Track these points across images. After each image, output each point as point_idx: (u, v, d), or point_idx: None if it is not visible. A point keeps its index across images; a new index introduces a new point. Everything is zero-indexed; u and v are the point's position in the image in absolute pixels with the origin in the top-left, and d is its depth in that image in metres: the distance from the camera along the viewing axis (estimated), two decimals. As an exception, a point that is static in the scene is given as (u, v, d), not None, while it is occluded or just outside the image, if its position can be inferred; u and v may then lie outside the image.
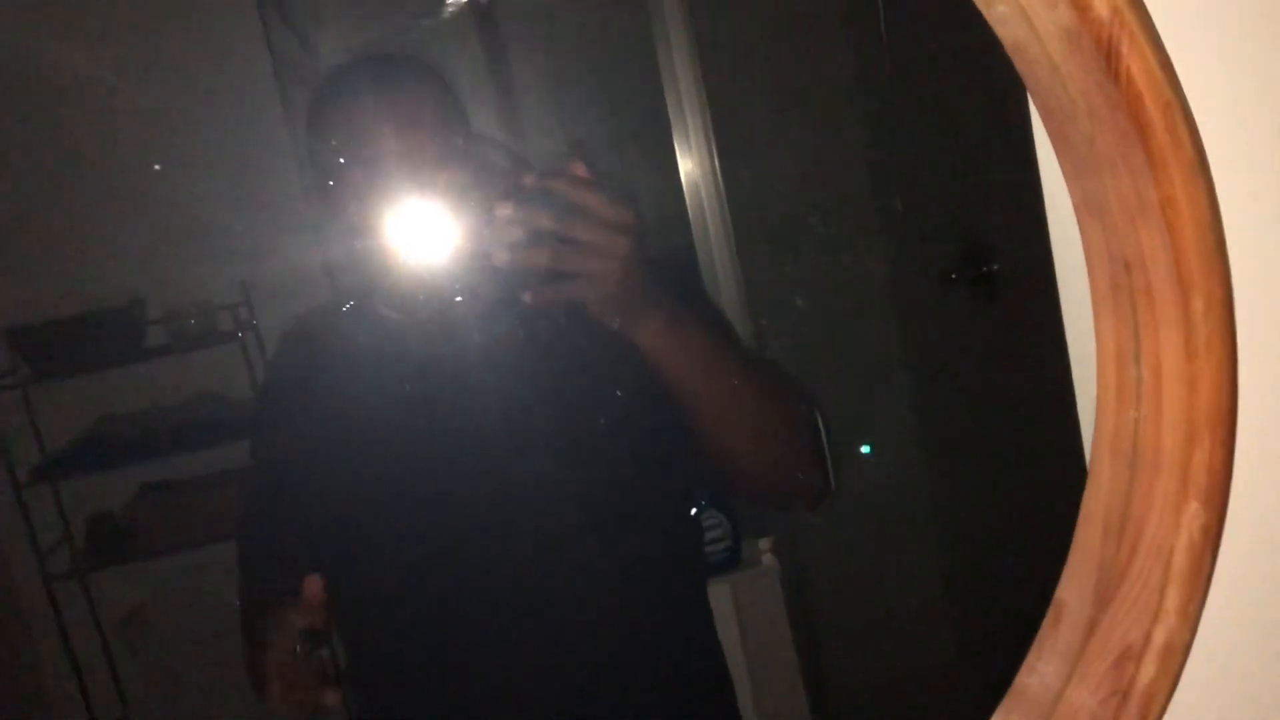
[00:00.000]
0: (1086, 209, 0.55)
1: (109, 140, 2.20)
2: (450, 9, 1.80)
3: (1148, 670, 0.52)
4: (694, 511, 1.54)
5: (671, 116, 1.82)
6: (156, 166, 2.02)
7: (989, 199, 1.88)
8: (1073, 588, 0.58)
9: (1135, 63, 0.48)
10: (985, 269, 1.92)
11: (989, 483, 2.13)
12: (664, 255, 1.22)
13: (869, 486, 2.14)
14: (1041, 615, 1.88)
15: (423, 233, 1.03)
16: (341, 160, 1.07)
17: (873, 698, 2.34)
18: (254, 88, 2.07)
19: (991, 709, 0.58)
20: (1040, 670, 0.59)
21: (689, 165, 1.84)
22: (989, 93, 1.79)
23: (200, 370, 2.34)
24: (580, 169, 0.91)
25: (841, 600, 2.29)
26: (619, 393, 1.08)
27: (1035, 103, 0.55)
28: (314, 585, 0.99)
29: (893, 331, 2.36)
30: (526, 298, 0.92)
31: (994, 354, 2.00)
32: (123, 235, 2.27)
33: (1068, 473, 1.79)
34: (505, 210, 0.89)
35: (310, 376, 1.21)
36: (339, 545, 1.15)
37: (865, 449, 2.23)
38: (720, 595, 1.71)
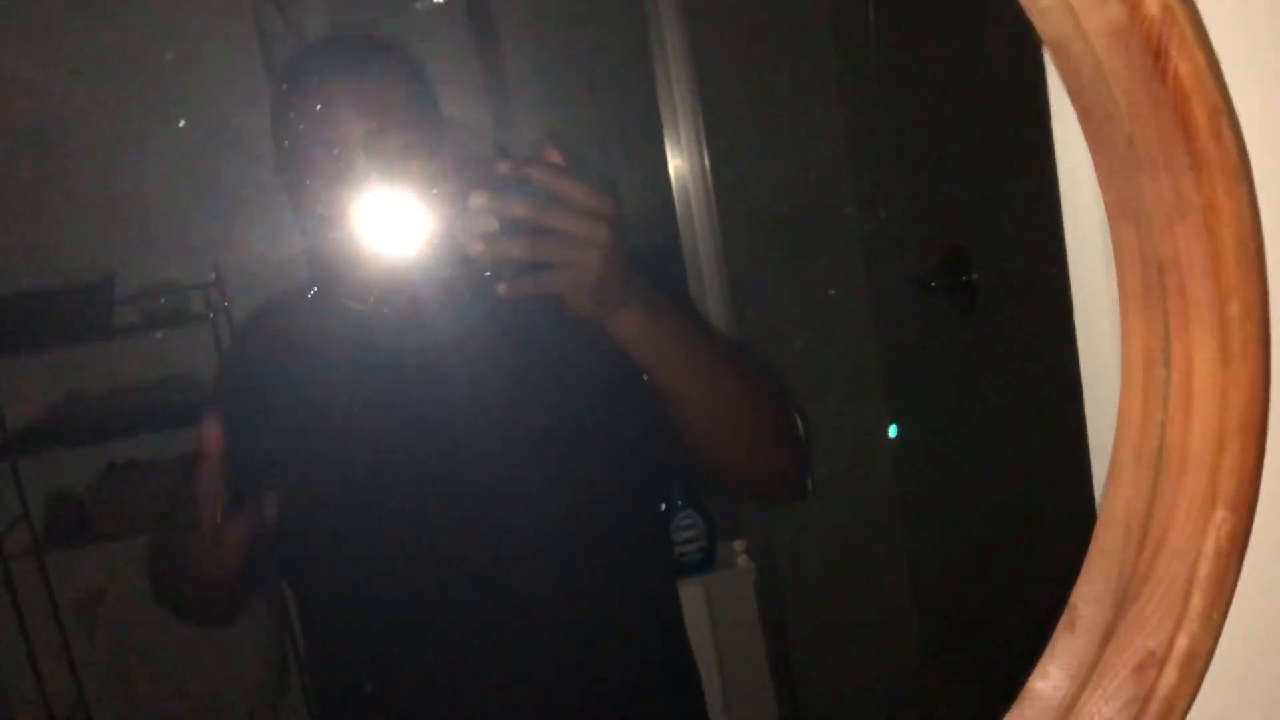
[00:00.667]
0: (1120, 210, 0.55)
1: (86, 113, 2.16)
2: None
3: (1169, 677, 0.51)
4: (663, 507, 1.54)
5: (663, 112, 1.81)
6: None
7: (970, 207, 1.89)
8: (1089, 592, 0.57)
9: (1184, 63, 0.48)
10: (964, 277, 1.93)
11: (963, 488, 2.15)
12: (645, 249, 1.20)
13: (844, 490, 2.15)
14: (1012, 619, 1.88)
15: (387, 222, 1.00)
16: (303, 143, 1.05)
17: (843, 701, 2.35)
18: (239, 67, 2.04)
19: (958, 714, 0.57)
20: (1053, 675, 0.58)
21: (678, 162, 1.83)
22: (974, 100, 1.81)
23: (170, 351, 2.30)
24: (555, 155, 0.88)
25: (815, 603, 2.29)
26: (595, 385, 1.06)
27: (1073, 101, 0.55)
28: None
29: (871, 335, 2.36)
30: (501, 289, 0.88)
31: (971, 361, 2.01)
32: (95, 211, 2.23)
33: (1046, 477, 1.79)
34: (479, 199, 0.85)
35: (269, 363, 1.18)
36: (294, 536, 1.13)
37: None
38: (694, 596, 1.71)
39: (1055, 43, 0.53)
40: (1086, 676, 0.55)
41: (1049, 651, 0.59)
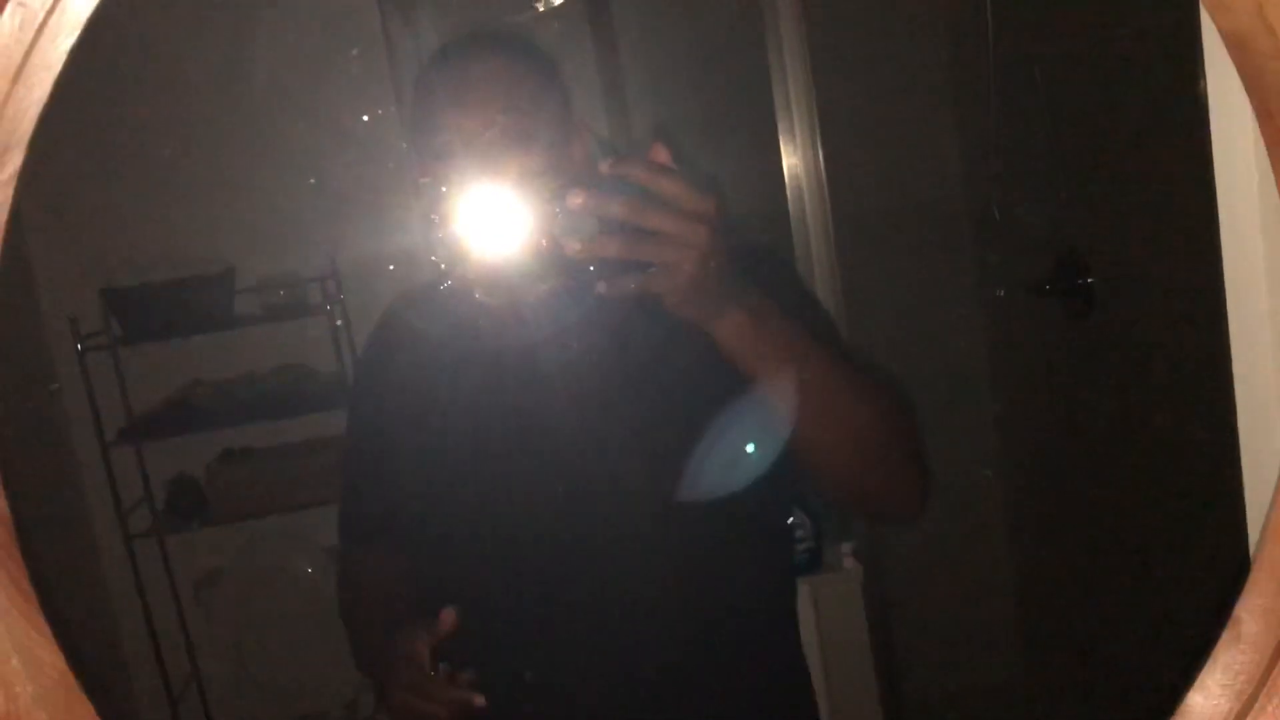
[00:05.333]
0: (1299, 213, 0.53)
1: (219, 113, 2.24)
2: (563, -6, 1.80)
3: (1348, 697, 0.50)
4: (789, 521, 1.51)
5: (778, 110, 1.80)
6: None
7: (1089, 210, 1.85)
8: (1256, 607, 0.56)
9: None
10: (1081, 281, 1.89)
11: (1073, 496, 2.10)
12: (758, 247, 1.17)
13: (952, 496, 2.12)
14: (1124, 632, 1.82)
15: (495, 218, 1.00)
16: (422, 137, 1.06)
17: (946, 708, 2.31)
18: (366, 71, 2.09)
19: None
20: (1212, 690, 0.57)
21: (792, 160, 1.82)
22: (1095, 102, 1.77)
23: (287, 341, 2.37)
24: (661, 154, 0.86)
25: (921, 608, 2.27)
26: (700, 388, 1.03)
27: (1251, 99, 0.53)
28: (450, 619, 1.01)
29: (981, 339, 2.33)
30: (600, 288, 0.86)
31: (1086, 366, 1.97)
32: (219, 206, 2.31)
33: (1169, 484, 1.74)
34: (577, 199, 0.84)
35: (404, 352, 1.21)
36: (420, 519, 1.16)
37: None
38: (801, 597, 1.70)
39: (1236, 37, 0.51)
40: (1254, 694, 0.54)
41: (1209, 665, 0.57)
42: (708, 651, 1.13)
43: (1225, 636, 0.57)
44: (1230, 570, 0.66)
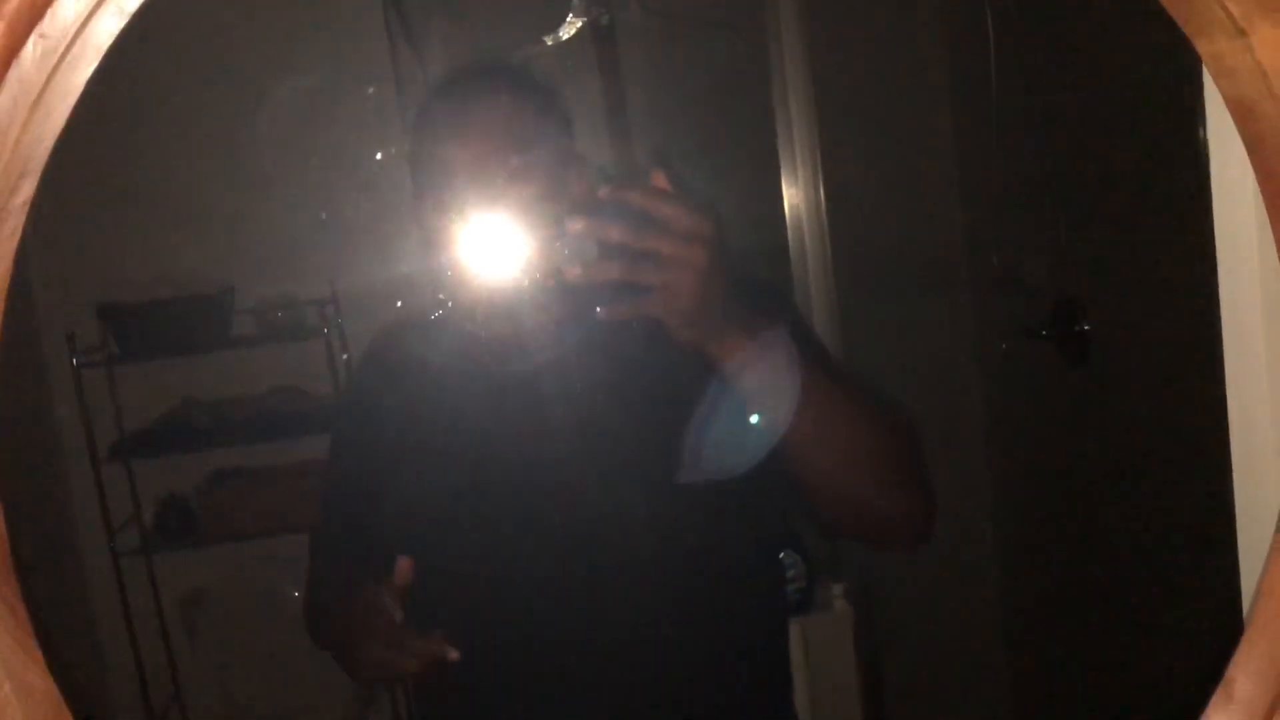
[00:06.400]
0: (1300, 276, 0.53)
1: (224, 136, 2.24)
2: (570, 28, 1.81)
3: (1341, 761, 0.49)
4: (780, 555, 1.50)
5: (780, 148, 1.81)
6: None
7: (1088, 258, 1.86)
8: (1248, 667, 0.56)
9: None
10: (1077, 328, 1.89)
11: (1065, 541, 2.10)
12: (756, 280, 1.18)
13: (945, 540, 2.11)
14: (1113, 684, 1.81)
15: (493, 247, 1.01)
16: (424, 169, 1.08)
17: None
18: (373, 100, 2.10)
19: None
20: (1205, 749, 0.57)
21: (793, 198, 1.83)
22: (1096, 152, 1.78)
23: (283, 363, 2.37)
24: (660, 179, 0.87)
25: (912, 652, 2.25)
26: (700, 412, 1.02)
27: (1254, 162, 0.54)
28: (406, 566, 1.01)
29: (977, 381, 2.33)
30: (600, 313, 0.88)
31: (1079, 412, 1.97)
32: (219, 226, 2.31)
33: (1161, 542, 1.74)
34: (577, 224, 0.85)
35: (392, 381, 1.20)
36: (411, 549, 1.15)
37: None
38: (791, 637, 1.69)
39: (1241, 104, 0.52)
40: (1246, 754, 0.54)
41: (1203, 725, 0.57)
42: (698, 687, 1.12)
43: (1217, 697, 0.57)
44: (1224, 627, 0.66)
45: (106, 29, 0.48)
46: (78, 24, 0.48)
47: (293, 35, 2.21)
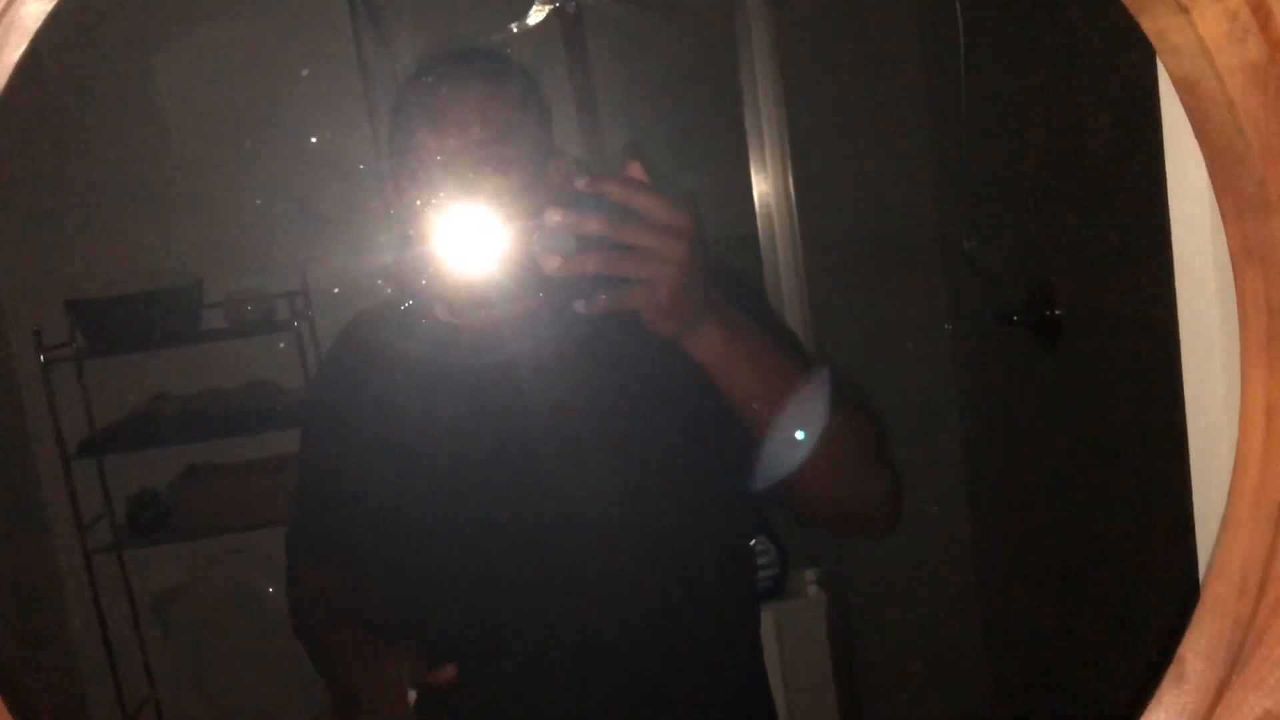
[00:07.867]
0: (1245, 255, 0.53)
1: (191, 127, 2.22)
2: (537, 14, 1.80)
3: (1287, 739, 0.49)
4: (752, 544, 1.50)
5: (749, 137, 1.81)
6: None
7: (1059, 243, 1.86)
8: (1199, 646, 0.55)
9: (1325, 106, 0.46)
10: (1049, 313, 1.90)
11: (1038, 525, 2.10)
12: (728, 267, 1.18)
13: (918, 524, 2.12)
14: (1088, 665, 1.82)
15: (470, 237, 1.00)
16: (411, 151, 1.05)
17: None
18: (338, 88, 2.08)
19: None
20: (1157, 729, 0.57)
21: (763, 186, 1.82)
22: (1067, 136, 1.78)
23: (254, 357, 2.35)
24: (637, 171, 0.86)
25: (885, 637, 2.26)
26: (677, 404, 1.03)
27: (1200, 141, 0.53)
28: (450, 674, 1.00)
29: (950, 367, 2.33)
30: (578, 307, 0.87)
31: (1052, 397, 1.98)
32: (187, 219, 2.29)
33: (1129, 518, 1.75)
34: (555, 216, 0.84)
35: (363, 371, 1.19)
36: (384, 539, 1.14)
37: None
38: (763, 623, 1.69)
39: (1185, 81, 0.51)
40: (1196, 733, 0.53)
41: (1154, 704, 0.57)
42: (669, 674, 1.12)
43: (1169, 676, 0.57)
44: (1190, 608, 0.66)
45: (31, 13, 0.47)
46: (3, 5, 0.47)
47: (260, 23, 2.19)
